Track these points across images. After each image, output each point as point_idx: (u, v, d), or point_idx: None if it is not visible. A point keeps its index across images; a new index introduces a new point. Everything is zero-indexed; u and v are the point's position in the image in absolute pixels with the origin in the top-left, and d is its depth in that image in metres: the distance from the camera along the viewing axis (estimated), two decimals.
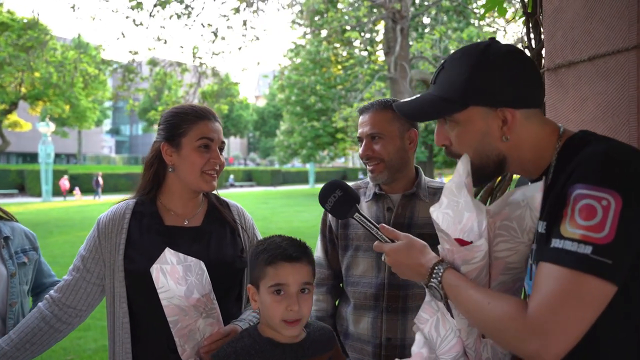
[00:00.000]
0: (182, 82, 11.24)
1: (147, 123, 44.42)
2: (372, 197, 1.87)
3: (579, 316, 0.90)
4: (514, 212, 1.13)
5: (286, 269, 1.36)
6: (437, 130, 1.22)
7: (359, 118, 1.88)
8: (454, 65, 1.16)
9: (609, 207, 0.90)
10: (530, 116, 1.13)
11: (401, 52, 11.81)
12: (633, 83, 1.68)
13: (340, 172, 52.65)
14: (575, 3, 1.87)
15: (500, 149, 1.14)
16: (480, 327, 1.08)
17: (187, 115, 1.65)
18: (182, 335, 1.47)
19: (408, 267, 1.23)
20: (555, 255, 0.94)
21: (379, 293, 1.78)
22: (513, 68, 1.12)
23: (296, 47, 26.14)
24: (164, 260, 1.47)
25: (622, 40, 1.71)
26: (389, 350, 1.75)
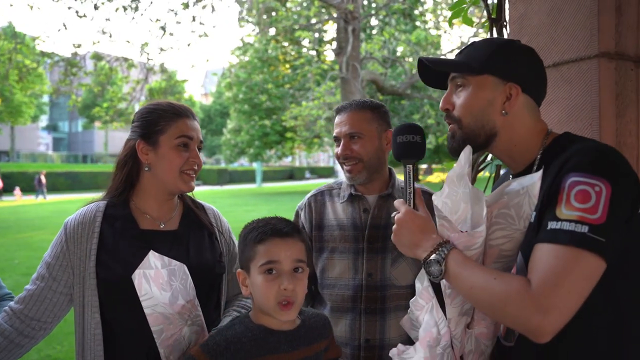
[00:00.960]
0: (129, 78, 10.83)
1: (89, 120, 42.59)
2: (348, 199, 1.86)
3: (578, 290, 0.99)
4: (512, 200, 1.21)
5: (278, 244, 1.28)
6: (446, 95, 1.32)
7: (336, 118, 1.87)
8: (481, 44, 1.31)
9: (601, 192, 1.02)
10: (529, 106, 1.27)
11: (353, 52, 11.96)
12: (595, 89, 1.79)
13: (288, 171, 52.62)
14: (540, 11, 1.96)
15: (495, 123, 1.25)
16: (482, 301, 1.11)
17: (166, 112, 1.57)
18: (167, 345, 1.39)
19: (414, 234, 1.24)
20: (553, 236, 1.03)
21: (356, 295, 1.77)
22: (530, 58, 1.28)
23: (244, 44, 25.86)
24: (147, 265, 1.39)
25: (584, 49, 1.81)
26: (367, 352, 1.75)
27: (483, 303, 1.12)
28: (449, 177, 1.27)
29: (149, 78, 11.08)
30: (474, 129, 1.27)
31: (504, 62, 1.25)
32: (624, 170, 1.08)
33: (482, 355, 1.34)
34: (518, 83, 1.24)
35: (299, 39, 18.62)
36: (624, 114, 1.84)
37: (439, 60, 1.35)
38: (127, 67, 10.76)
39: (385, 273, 1.76)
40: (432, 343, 1.25)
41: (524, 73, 1.25)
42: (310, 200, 1.94)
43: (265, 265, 1.27)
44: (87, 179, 34.23)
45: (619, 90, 1.83)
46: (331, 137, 14.99)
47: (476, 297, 1.13)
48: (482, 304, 1.13)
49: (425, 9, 20.57)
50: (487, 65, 1.25)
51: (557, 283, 0.99)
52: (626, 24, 1.86)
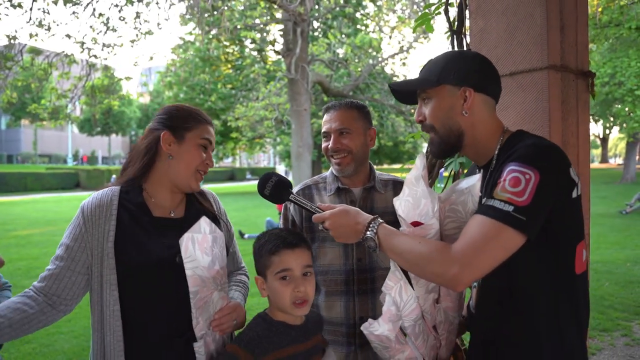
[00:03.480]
0: (69, 74, 10.41)
1: (14, 117, 40.19)
2: (335, 192, 2.03)
3: (494, 255, 1.21)
4: (459, 198, 1.43)
5: (289, 255, 1.51)
6: (417, 109, 1.53)
7: (325, 116, 2.05)
8: (436, 59, 1.50)
9: (530, 179, 1.22)
10: (486, 102, 1.46)
11: (301, 54, 12.16)
12: (545, 96, 2.08)
13: (228, 171, 51.99)
14: (498, 26, 2.25)
15: (460, 124, 1.44)
16: (410, 264, 1.33)
17: (195, 114, 1.71)
18: (199, 307, 1.51)
19: (346, 226, 1.46)
20: (486, 210, 1.24)
21: (349, 278, 1.96)
22: (478, 62, 1.47)
23: (184, 43, 25.37)
24: (197, 229, 1.51)
25: (536, 61, 2.11)
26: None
27: (411, 263, 1.33)
28: (408, 179, 1.48)
29: (90, 75, 10.69)
30: (446, 132, 1.45)
31: (455, 70, 1.43)
32: (555, 163, 1.27)
33: (451, 324, 1.59)
34: (470, 85, 1.42)
35: (241, 38, 18.56)
36: (568, 118, 2.15)
37: (403, 83, 1.56)
38: (68, 63, 10.35)
39: (372, 256, 1.96)
40: (392, 319, 1.48)
41: (474, 76, 1.43)
42: (299, 193, 2.09)
43: (280, 273, 1.51)
44: (13, 180, 32.10)
45: (564, 98, 2.14)
46: (274, 137, 15.04)
47: (405, 259, 1.34)
48: (410, 264, 1.33)
49: (365, 12, 21.13)
50: (442, 77, 1.44)
51: (478, 246, 1.20)
52: (567, 42, 2.17)
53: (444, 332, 1.56)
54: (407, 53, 19.42)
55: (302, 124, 12.78)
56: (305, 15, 12.10)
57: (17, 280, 7.61)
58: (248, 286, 1.94)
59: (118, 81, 12.36)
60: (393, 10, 17.98)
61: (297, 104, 12.58)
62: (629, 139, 27.83)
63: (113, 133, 53.55)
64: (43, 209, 19.81)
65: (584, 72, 2.20)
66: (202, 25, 14.98)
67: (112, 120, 48.31)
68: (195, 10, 14.52)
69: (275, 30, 20.42)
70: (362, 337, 1.93)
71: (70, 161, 55.54)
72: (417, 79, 1.52)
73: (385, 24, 19.45)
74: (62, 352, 4.81)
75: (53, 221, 15.48)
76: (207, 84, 26.68)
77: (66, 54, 10.13)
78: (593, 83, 2.22)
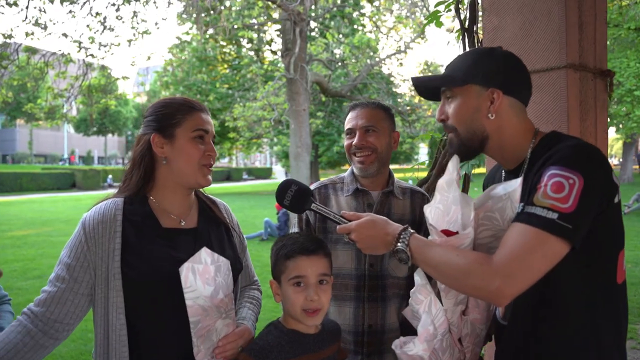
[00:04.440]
0: (66, 74, 10.30)
1: (9, 117, 39.96)
2: (353, 193, 1.96)
3: (538, 266, 1.14)
4: (496, 204, 1.33)
5: (304, 261, 1.45)
6: (439, 108, 1.45)
7: (350, 113, 1.97)
8: (464, 56, 1.43)
9: (574, 184, 1.14)
10: (514, 106, 1.37)
11: (300, 53, 12.09)
12: (564, 96, 2.02)
13: (225, 171, 51.87)
14: (514, 24, 2.18)
15: (485, 127, 1.36)
16: (446, 277, 1.26)
17: (181, 106, 1.57)
18: (200, 335, 1.43)
19: (374, 238, 1.38)
20: (527, 218, 1.16)
21: (360, 284, 1.88)
22: (509, 63, 1.38)
23: (181, 42, 25.28)
24: (197, 260, 1.41)
25: (554, 60, 2.04)
26: (370, 337, 1.87)
27: (448, 277, 1.25)
28: (440, 184, 1.38)
29: (87, 75, 10.58)
30: (468, 135, 1.38)
31: (483, 70, 1.35)
32: (599, 167, 1.20)
33: (477, 337, 1.51)
34: (499, 87, 1.34)
35: (238, 38, 18.48)
36: (586, 119, 2.09)
37: (427, 79, 1.49)
38: (65, 62, 10.24)
39: (384, 263, 1.89)
40: (429, 338, 1.40)
41: (503, 77, 1.35)
42: (315, 192, 2.01)
43: (294, 279, 1.45)
44: (8, 181, 31.88)
45: (582, 98, 2.08)
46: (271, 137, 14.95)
47: (441, 272, 1.26)
48: (447, 278, 1.26)
49: (362, 12, 21.08)
50: (469, 75, 1.36)
51: (521, 257, 1.13)
52: (586, 40, 2.11)
53: (469, 345, 1.49)
54: (404, 53, 19.37)
55: (301, 124, 12.71)
56: (304, 15, 12.03)
57: (13, 282, 7.51)
58: (260, 303, 1.85)
59: (115, 81, 12.26)
60: (390, 10, 17.93)
61: (296, 104, 12.50)
62: (627, 140, 27.89)
63: (109, 133, 53.36)
64: (39, 209, 19.65)
65: (602, 72, 2.14)
66: (199, 25, 14.91)
67: (108, 120, 48.09)
68: (192, 10, 14.45)
69: (272, 30, 20.37)
70: (370, 345, 1.89)
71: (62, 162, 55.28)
72: (442, 75, 1.44)
73: (382, 24, 19.41)
74: (59, 357, 4.72)
75: (49, 221, 15.35)
76: (205, 84, 26.60)
77: (63, 53, 10.03)
78: (612, 83, 2.16)
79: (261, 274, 7.35)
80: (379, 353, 1.90)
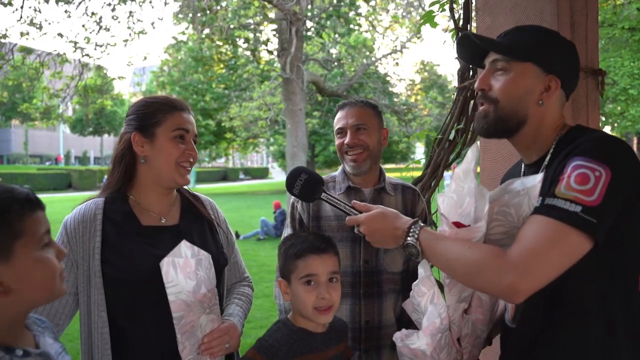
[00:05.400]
0: (62, 74, 10.29)
1: (4, 117, 39.82)
2: (345, 191, 1.98)
3: (557, 262, 1.07)
4: (512, 199, 1.24)
5: (315, 260, 1.45)
6: (483, 75, 1.33)
7: (339, 113, 2.00)
8: (528, 30, 1.33)
9: (600, 177, 1.07)
10: (561, 102, 1.32)
11: (296, 53, 12.12)
12: None
13: (221, 172, 51.82)
14: (506, 24, 2.20)
15: (529, 111, 1.28)
16: (458, 273, 1.20)
17: (163, 105, 1.58)
18: (185, 331, 1.43)
19: (384, 231, 1.34)
20: (547, 210, 1.09)
21: (355, 280, 1.90)
22: (572, 55, 1.32)
23: (177, 42, 25.28)
24: (177, 253, 1.42)
25: None
26: (367, 332, 1.89)
27: (459, 272, 1.19)
28: (456, 173, 1.33)
29: (83, 75, 10.57)
30: (509, 112, 1.28)
31: (549, 53, 1.27)
32: (626, 159, 1.12)
33: (477, 338, 1.46)
34: (559, 77, 1.26)
35: (234, 38, 18.47)
36: (578, 117, 2.12)
37: (487, 40, 1.33)
38: (60, 62, 10.23)
39: (379, 259, 1.91)
40: (434, 332, 1.36)
41: (565, 68, 1.28)
42: None
43: (304, 278, 1.45)
44: (4, 181, 31.53)
45: (574, 96, 2.10)
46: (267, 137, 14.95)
47: (452, 267, 1.21)
48: (458, 273, 1.20)
49: (358, 12, 21.12)
50: (533, 54, 1.26)
51: (539, 251, 1.06)
52: (578, 39, 2.14)
53: (467, 346, 1.45)
54: (400, 53, 19.42)
55: (297, 123, 12.74)
56: (300, 14, 12.05)
57: None
58: (251, 299, 1.84)
59: (111, 81, 12.26)
60: (386, 10, 17.98)
61: (292, 103, 12.53)
62: (622, 138, 28.02)
63: (105, 133, 53.23)
64: None
65: (594, 71, 2.17)
66: (195, 25, 14.91)
67: (104, 120, 47.98)
68: (189, 10, 14.45)
69: (269, 30, 20.38)
70: (367, 341, 1.91)
71: (62, 162, 55.13)
72: (502, 42, 1.31)
73: (378, 24, 19.45)
74: None
75: None
76: (201, 84, 26.59)
77: (58, 53, 10.02)
78: (603, 81, 2.18)
79: (258, 273, 7.38)
80: (376, 349, 1.92)
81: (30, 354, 1.02)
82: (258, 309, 5.98)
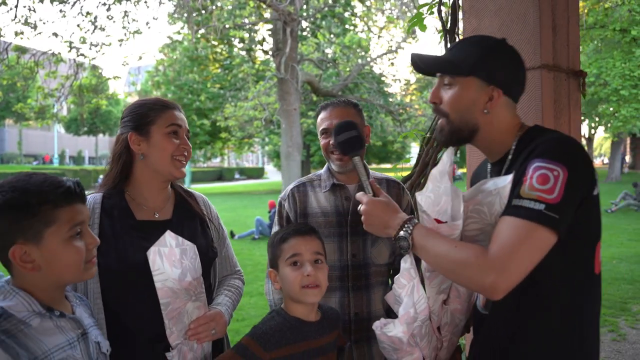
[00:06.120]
0: (57, 74, 10.30)
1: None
2: (330, 188, 2.05)
3: (530, 257, 1.17)
4: (485, 199, 1.34)
5: (299, 241, 1.54)
6: (434, 90, 1.44)
7: (322, 114, 2.05)
8: (470, 45, 1.41)
9: (558, 176, 1.18)
10: (508, 106, 1.40)
11: (291, 53, 12.18)
12: (538, 95, 2.12)
13: (217, 172, 51.77)
14: (492, 26, 2.28)
15: (478, 120, 1.38)
16: (445, 267, 1.29)
17: (155, 105, 1.70)
18: (172, 317, 1.51)
19: (380, 219, 1.43)
20: (515, 211, 1.20)
21: (343, 274, 1.97)
22: (514, 62, 1.40)
23: (172, 42, 25.26)
24: (163, 243, 1.50)
25: (529, 61, 2.14)
26: (357, 324, 1.96)
27: (446, 268, 1.29)
28: (432, 174, 1.43)
29: (78, 74, 10.58)
30: (460, 124, 1.39)
31: (489, 66, 1.35)
32: (580, 158, 1.23)
33: (456, 327, 1.56)
34: (500, 86, 1.35)
35: (230, 38, 18.51)
36: (560, 116, 2.19)
37: (430, 61, 1.43)
38: (55, 62, 10.23)
39: (366, 253, 1.98)
40: (409, 320, 1.44)
41: (506, 77, 1.37)
42: (293, 191, 2.11)
43: (290, 259, 1.53)
44: None
45: (556, 97, 2.18)
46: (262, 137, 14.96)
47: (440, 264, 1.30)
48: (445, 269, 1.30)
49: (353, 12, 21.20)
50: (474, 68, 1.35)
51: (513, 250, 1.15)
52: (559, 42, 2.21)
53: (447, 334, 1.54)
54: (395, 53, 19.50)
55: (292, 123, 12.80)
56: (295, 15, 12.11)
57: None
58: (241, 291, 1.92)
59: (106, 80, 12.28)
60: (382, 10, 18.06)
61: (287, 103, 12.59)
62: (614, 139, 28.22)
63: (100, 133, 53.05)
64: None
65: (575, 72, 2.25)
66: (191, 25, 14.94)
67: (99, 120, 47.81)
68: (183, 10, 14.46)
69: (264, 30, 20.41)
70: (357, 333, 1.97)
71: (57, 161, 54.87)
72: (446, 60, 1.41)
73: (373, 24, 19.53)
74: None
75: None
76: (196, 84, 26.58)
77: (53, 52, 10.03)
78: (584, 82, 2.26)
79: (252, 272, 7.47)
80: (366, 340, 1.99)
81: (65, 315, 1.26)
82: (252, 307, 6.04)
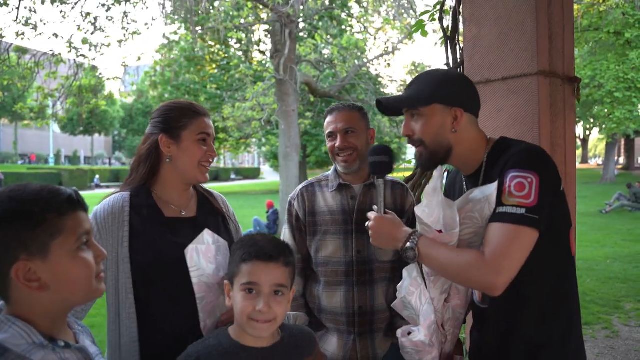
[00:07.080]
0: (57, 74, 10.34)
1: None
2: (337, 188, 2.16)
3: (519, 255, 1.36)
4: (476, 206, 1.52)
5: (259, 268, 1.35)
6: (405, 124, 1.63)
7: (328, 118, 2.17)
8: (425, 78, 1.62)
9: (532, 182, 1.37)
10: (472, 122, 1.60)
11: (290, 55, 12.27)
12: (535, 100, 2.23)
13: (213, 172, 51.73)
14: (491, 33, 2.39)
15: (449, 140, 1.56)
16: (450, 273, 1.47)
17: (188, 111, 1.75)
18: (206, 311, 1.59)
19: (388, 234, 1.58)
20: (500, 217, 1.39)
21: (349, 270, 2.08)
22: (466, 85, 1.62)
23: (169, 42, 25.28)
24: (201, 241, 1.60)
25: (527, 67, 2.26)
26: (361, 317, 2.07)
27: (452, 273, 1.47)
28: (427, 190, 1.57)
29: (78, 75, 10.63)
30: (435, 148, 1.58)
31: (447, 91, 1.56)
32: (547, 164, 1.45)
33: (457, 320, 1.71)
34: (460, 106, 1.55)
35: (227, 39, 18.54)
36: (556, 121, 2.30)
37: (393, 100, 1.65)
38: (55, 62, 10.28)
39: (371, 249, 2.08)
40: (430, 324, 1.61)
41: (463, 97, 1.58)
42: (303, 191, 2.22)
43: (245, 285, 1.35)
44: None
45: (552, 102, 2.29)
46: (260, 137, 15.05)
47: (445, 270, 1.48)
48: (450, 274, 1.49)
49: (350, 13, 21.29)
50: (434, 96, 1.55)
51: (504, 251, 1.35)
52: (556, 49, 2.33)
53: (450, 328, 1.69)
54: (392, 54, 19.60)
55: (291, 124, 12.88)
56: (294, 17, 12.21)
57: None
58: None
59: (104, 81, 12.31)
60: (378, 12, 18.15)
61: (286, 104, 12.67)
62: (608, 140, 28.45)
63: (96, 133, 52.97)
64: None
65: (570, 78, 2.36)
66: (191, 25, 14.98)
67: (95, 120, 47.72)
68: (181, 11, 14.51)
69: (261, 31, 20.48)
70: (361, 325, 2.08)
71: (52, 161, 54.72)
72: (409, 97, 1.60)
73: (370, 26, 19.61)
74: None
75: None
76: (194, 84, 26.58)
77: (53, 53, 10.08)
78: (579, 88, 2.37)
79: None
80: (370, 332, 2.10)
81: (70, 346, 1.09)
82: None
